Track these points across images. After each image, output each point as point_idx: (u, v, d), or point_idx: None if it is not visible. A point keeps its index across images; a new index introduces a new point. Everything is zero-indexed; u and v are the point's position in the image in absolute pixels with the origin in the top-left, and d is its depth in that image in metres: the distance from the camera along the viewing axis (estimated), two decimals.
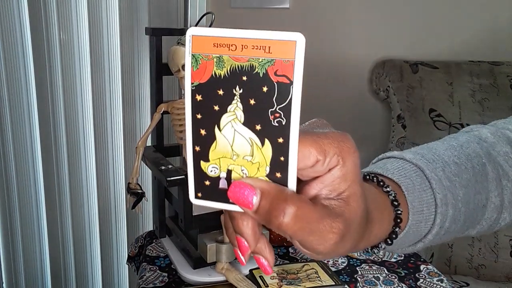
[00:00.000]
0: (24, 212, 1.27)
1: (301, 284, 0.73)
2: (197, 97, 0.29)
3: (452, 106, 1.32)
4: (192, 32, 0.28)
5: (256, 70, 0.27)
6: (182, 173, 0.71)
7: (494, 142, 0.47)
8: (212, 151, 0.29)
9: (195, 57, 0.28)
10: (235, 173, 0.30)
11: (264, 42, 0.27)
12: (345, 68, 1.53)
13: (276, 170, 0.29)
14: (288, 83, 0.27)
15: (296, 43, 0.27)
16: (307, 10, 1.48)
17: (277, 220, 0.28)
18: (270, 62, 0.27)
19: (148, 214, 1.44)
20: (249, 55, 0.27)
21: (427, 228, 0.41)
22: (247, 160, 0.29)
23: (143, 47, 1.30)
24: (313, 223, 0.29)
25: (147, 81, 1.30)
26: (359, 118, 1.52)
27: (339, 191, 0.31)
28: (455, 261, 1.24)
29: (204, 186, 0.31)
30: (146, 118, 1.36)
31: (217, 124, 0.29)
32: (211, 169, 0.30)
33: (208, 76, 0.28)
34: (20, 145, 1.22)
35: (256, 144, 0.28)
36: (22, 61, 1.16)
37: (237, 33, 0.27)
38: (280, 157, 0.28)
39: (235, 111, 0.28)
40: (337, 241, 0.30)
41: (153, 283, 0.77)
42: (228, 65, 0.27)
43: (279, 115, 0.28)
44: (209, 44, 0.28)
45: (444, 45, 1.49)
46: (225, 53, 0.27)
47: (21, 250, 1.29)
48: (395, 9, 1.48)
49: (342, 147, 0.30)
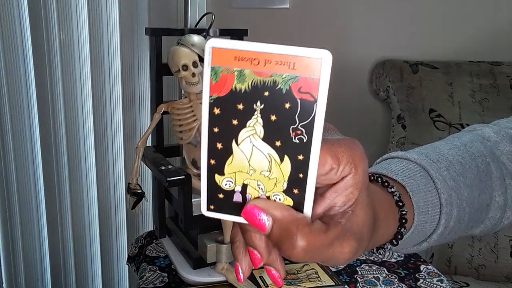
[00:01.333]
0: (24, 212, 1.27)
1: (301, 284, 0.73)
2: (215, 111, 0.28)
3: (452, 106, 1.32)
4: (212, 44, 0.27)
5: (279, 86, 0.27)
6: (182, 173, 0.71)
7: (497, 141, 0.47)
8: (228, 165, 0.29)
9: (215, 69, 0.27)
10: (251, 187, 0.29)
11: (289, 58, 0.26)
12: (345, 68, 1.53)
13: (293, 187, 0.29)
14: (312, 101, 0.27)
15: (322, 60, 0.26)
16: (307, 10, 1.48)
17: (287, 252, 0.29)
18: (295, 79, 0.26)
19: (148, 214, 1.44)
20: (272, 70, 0.26)
21: (432, 228, 0.41)
22: (264, 175, 0.29)
23: (143, 47, 1.30)
24: (323, 251, 0.29)
25: (147, 81, 1.30)
26: (359, 118, 1.52)
27: (353, 200, 0.30)
28: (455, 262, 1.24)
29: (218, 199, 0.30)
30: (146, 118, 1.36)
31: (235, 139, 0.28)
32: (225, 182, 0.30)
33: (228, 89, 0.27)
34: (20, 145, 1.22)
35: (274, 160, 0.28)
36: (22, 61, 1.16)
37: (260, 47, 0.26)
38: (299, 174, 0.28)
39: (255, 126, 0.28)
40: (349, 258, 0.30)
41: (153, 283, 0.77)
42: (250, 80, 0.27)
43: (300, 132, 0.27)
44: (230, 57, 0.27)
45: (444, 45, 1.49)
46: (247, 67, 0.27)
47: (21, 250, 1.29)
48: (395, 9, 1.48)
49: (354, 155, 0.30)
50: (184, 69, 0.72)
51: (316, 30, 1.50)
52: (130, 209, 0.80)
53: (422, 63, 1.41)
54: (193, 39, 0.73)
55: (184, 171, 0.72)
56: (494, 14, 1.47)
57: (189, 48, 0.72)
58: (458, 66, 1.39)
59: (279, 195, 0.29)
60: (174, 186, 0.72)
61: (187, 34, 0.75)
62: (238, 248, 0.32)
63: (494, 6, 1.46)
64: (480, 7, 1.46)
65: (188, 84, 0.73)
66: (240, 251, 0.32)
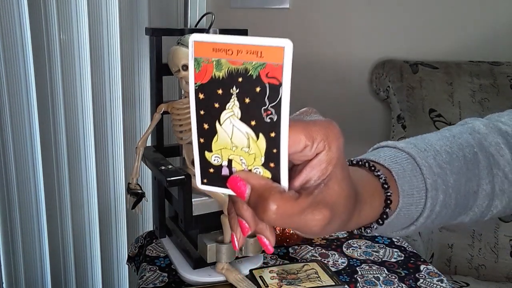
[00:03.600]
0: (24, 212, 1.27)
1: (301, 284, 0.73)
2: (200, 96, 0.32)
3: (452, 106, 1.32)
4: (194, 38, 0.31)
5: (250, 73, 0.30)
6: (182, 173, 0.71)
7: (486, 133, 0.49)
8: (214, 142, 0.33)
9: (197, 60, 0.31)
10: (235, 162, 0.33)
11: (257, 47, 0.30)
12: (345, 69, 1.53)
13: (270, 161, 0.32)
14: (278, 84, 0.30)
15: (284, 48, 0.29)
16: (307, 10, 1.48)
17: (261, 216, 0.32)
18: (262, 66, 0.30)
19: (148, 214, 1.44)
20: (244, 59, 0.30)
21: (418, 212, 0.44)
22: (244, 151, 0.33)
23: (143, 47, 1.30)
24: (294, 217, 0.32)
25: (147, 81, 1.30)
26: (359, 118, 1.52)
27: (326, 174, 0.33)
28: (455, 261, 1.24)
29: (209, 174, 0.34)
30: (146, 118, 1.36)
31: (218, 120, 0.32)
32: (214, 158, 0.34)
33: (209, 77, 0.31)
34: (20, 145, 1.22)
35: (252, 137, 0.32)
36: (22, 61, 1.16)
37: (233, 39, 0.30)
38: (273, 150, 0.32)
39: (233, 108, 0.31)
40: (321, 227, 0.33)
41: (153, 283, 0.77)
42: (226, 68, 0.31)
43: (270, 113, 0.31)
44: (209, 49, 0.31)
45: (444, 45, 1.49)
46: (223, 57, 0.31)
47: (21, 250, 1.29)
48: (395, 9, 1.48)
49: (328, 133, 0.33)
50: (184, 69, 0.72)
51: (316, 30, 1.50)
52: (130, 209, 0.80)
53: (422, 63, 1.41)
54: None
55: (184, 171, 0.72)
56: (494, 14, 1.47)
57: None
58: (458, 66, 1.39)
59: (259, 168, 0.33)
60: (174, 186, 0.72)
61: (187, 34, 0.75)
62: (233, 219, 0.36)
63: (494, 6, 1.46)
64: (480, 7, 1.46)
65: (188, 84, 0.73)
66: (235, 221, 0.36)
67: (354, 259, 0.86)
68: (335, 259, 0.85)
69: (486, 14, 1.47)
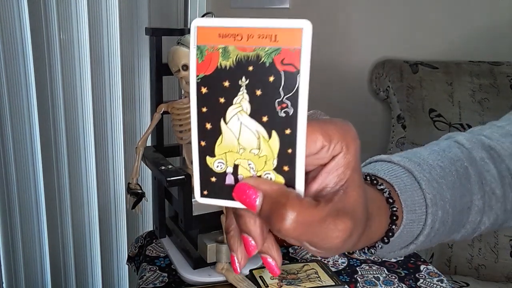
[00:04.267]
0: (24, 212, 1.27)
1: (301, 284, 0.73)
2: (202, 90, 0.28)
3: (452, 106, 1.32)
4: (197, 23, 0.27)
5: (262, 60, 0.26)
6: (182, 173, 0.71)
7: (470, 147, 0.47)
8: (218, 145, 0.29)
9: (200, 48, 0.27)
10: (242, 167, 0.29)
11: (270, 30, 0.26)
12: (345, 68, 1.53)
13: (283, 163, 0.28)
14: (295, 72, 0.26)
15: (303, 30, 0.26)
16: (307, 10, 1.48)
17: (277, 225, 0.28)
18: (277, 51, 0.26)
19: (148, 214, 1.44)
20: (255, 44, 0.26)
21: (419, 229, 0.41)
22: (254, 153, 0.28)
23: (143, 47, 1.30)
24: (315, 226, 0.28)
25: (147, 81, 1.30)
26: (359, 118, 1.52)
27: (344, 180, 0.30)
28: (455, 261, 1.24)
29: (210, 183, 0.30)
30: (146, 118, 1.36)
31: (223, 117, 0.28)
32: (217, 164, 0.29)
33: (214, 67, 0.27)
34: (20, 145, 1.22)
35: (263, 136, 0.28)
36: (22, 61, 1.16)
37: (242, 22, 0.26)
38: (287, 150, 0.28)
39: (241, 102, 0.27)
40: (343, 239, 0.29)
41: (153, 283, 0.77)
42: (234, 56, 0.27)
43: (286, 106, 0.27)
44: (214, 35, 0.27)
45: (444, 45, 1.49)
46: (231, 44, 0.27)
47: (21, 250, 1.29)
48: (395, 9, 1.48)
49: (345, 134, 0.30)
50: (184, 69, 0.72)
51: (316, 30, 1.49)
52: (130, 209, 0.80)
53: (422, 63, 1.41)
54: None
55: (184, 171, 0.72)
56: (494, 14, 1.47)
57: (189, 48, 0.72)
58: (458, 66, 1.39)
59: (270, 173, 0.29)
60: (174, 186, 0.72)
61: (187, 34, 0.75)
62: (233, 238, 0.32)
63: (494, 6, 1.46)
64: (480, 7, 1.46)
65: (188, 84, 0.73)
66: (235, 241, 0.31)
67: (354, 259, 0.86)
68: (335, 259, 0.85)
69: (486, 14, 1.47)
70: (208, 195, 0.30)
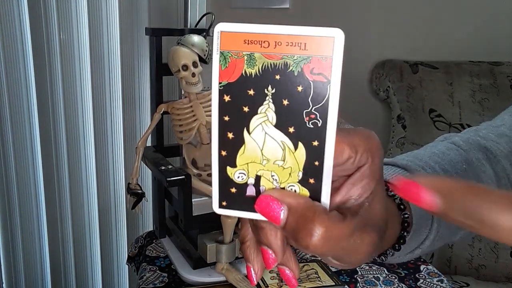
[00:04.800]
0: (24, 212, 1.27)
1: (301, 284, 0.73)
2: (225, 98, 0.27)
3: (452, 106, 1.32)
4: (220, 28, 0.26)
5: (290, 68, 0.25)
6: (182, 173, 0.71)
7: (467, 149, 0.47)
8: (240, 155, 0.27)
9: (224, 54, 0.26)
10: (265, 179, 0.28)
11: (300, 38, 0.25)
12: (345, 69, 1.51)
13: (309, 176, 0.27)
14: (326, 82, 0.25)
15: (335, 39, 0.25)
16: (307, 10, 1.48)
17: (304, 242, 0.26)
18: (306, 60, 0.25)
19: (148, 214, 1.44)
20: (283, 52, 0.25)
21: (426, 234, 0.41)
22: (278, 165, 0.27)
23: (143, 47, 1.30)
24: (343, 241, 0.27)
25: (147, 81, 1.30)
26: (359, 118, 1.52)
27: (369, 192, 0.29)
28: (455, 261, 1.24)
29: (230, 194, 0.28)
30: (146, 118, 1.35)
31: (247, 127, 0.27)
32: (238, 175, 0.28)
33: (238, 75, 0.26)
34: (20, 145, 1.22)
35: (288, 147, 0.27)
36: (22, 61, 1.16)
37: (270, 28, 0.25)
38: (314, 162, 0.27)
39: (267, 112, 0.26)
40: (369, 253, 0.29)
41: (153, 283, 0.77)
42: (260, 63, 0.26)
43: (314, 116, 0.26)
44: (239, 40, 0.26)
45: (444, 45, 1.49)
46: (257, 51, 0.26)
47: (21, 250, 1.29)
48: (395, 9, 1.48)
49: (371, 144, 0.29)
50: (184, 69, 0.72)
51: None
52: (130, 209, 0.80)
53: (422, 63, 1.41)
54: (193, 39, 0.73)
55: (184, 171, 0.72)
56: (494, 14, 1.47)
57: (189, 48, 0.72)
58: (458, 66, 1.39)
59: (294, 185, 0.27)
60: (174, 186, 0.72)
61: (187, 34, 0.75)
62: (249, 248, 0.30)
63: (494, 6, 1.46)
64: (480, 7, 1.46)
65: (188, 84, 0.73)
66: (252, 252, 0.30)
67: None
68: None
69: (486, 14, 1.47)
70: (227, 206, 0.29)
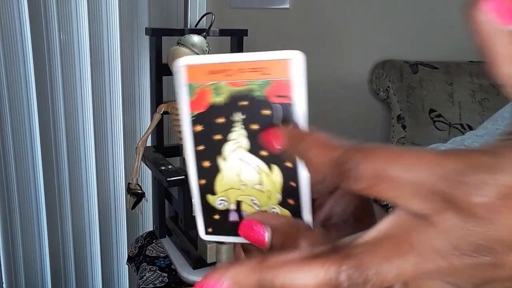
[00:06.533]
0: (24, 212, 1.27)
1: None
2: (197, 128, 0.27)
3: (452, 106, 1.32)
4: (185, 62, 0.27)
5: (256, 94, 0.26)
6: (182, 173, 0.71)
7: None
8: (218, 183, 0.28)
9: (192, 86, 0.27)
10: (245, 204, 0.28)
11: (261, 63, 0.25)
12: (345, 69, 1.53)
13: (288, 197, 0.27)
14: (290, 104, 0.25)
15: (291, 61, 0.25)
16: (307, 11, 1.48)
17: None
18: (269, 84, 0.25)
19: (148, 214, 1.44)
20: (247, 78, 0.26)
21: None
22: (256, 189, 0.28)
23: (143, 47, 1.30)
24: None
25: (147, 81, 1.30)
26: (359, 118, 1.52)
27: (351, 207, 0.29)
28: None
29: (214, 221, 0.29)
30: (146, 118, 1.36)
31: (221, 154, 0.27)
32: (219, 202, 0.29)
33: (207, 105, 0.27)
34: (20, 145, 1.22)
35: (264, 171, 0.27)
36: (22, 61, 1.16)
37: (232, 57, 0.26)
38: (290, 182, 0.27)
39: (239, 138, 0.27)
40: None
41: (153, 283, 0.77)
42: (227, 92, 0.26)
43: None
44: (204, 72, 0.26)
45: (444, 45, 1.49)
46: (222, 80, 0.26)
47: (21, 250, 1.29)
48: (395, 9, 1.48)
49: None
50: None
51: (316, 30, 1.50)
52: (130, 209, 0.81)
53: (422, 63, 1.41)
54: (193, 39, 0.73)
55: (184, 171, 0.72)
56: None
57: (189, 48, 0.72)
58: (458, 66, 1.39)
59: (275, 208, 0.28)
60: (174, 186, 0.72)
61: (187, 34, 0.75)
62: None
63: None
64: None
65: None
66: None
67: None
68: None
69: None
70: (213, 233, 0.29)
